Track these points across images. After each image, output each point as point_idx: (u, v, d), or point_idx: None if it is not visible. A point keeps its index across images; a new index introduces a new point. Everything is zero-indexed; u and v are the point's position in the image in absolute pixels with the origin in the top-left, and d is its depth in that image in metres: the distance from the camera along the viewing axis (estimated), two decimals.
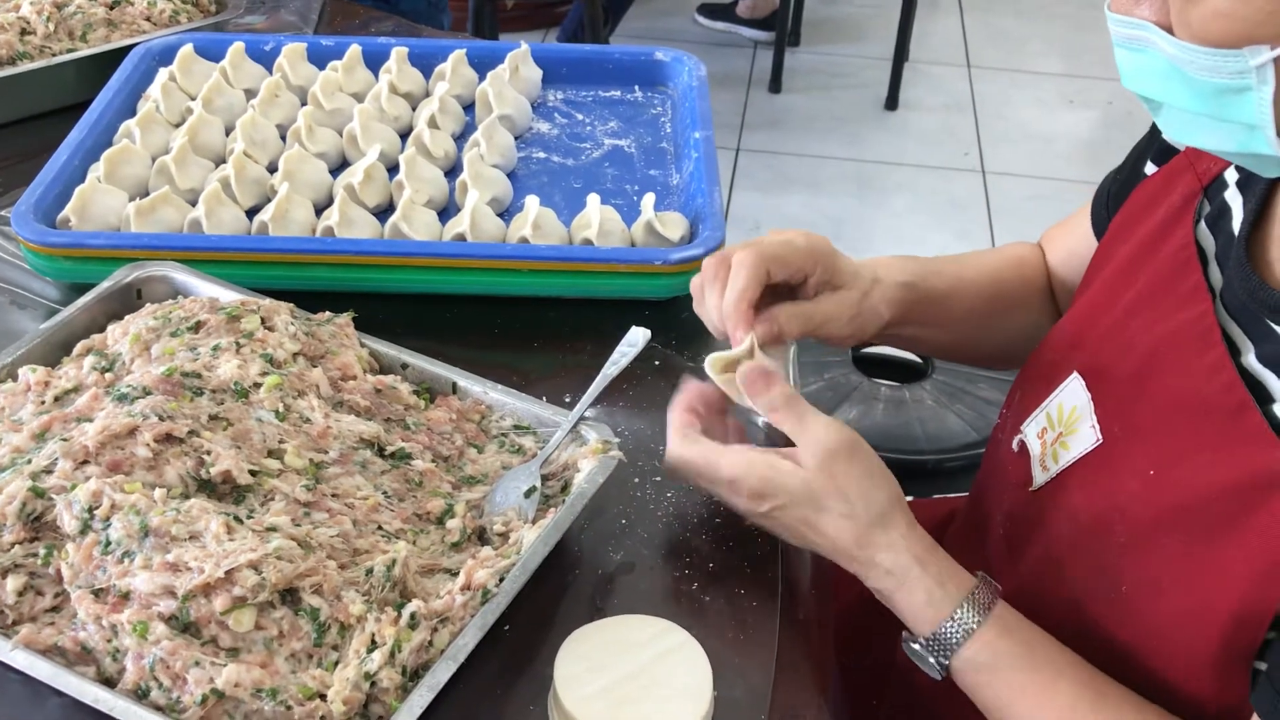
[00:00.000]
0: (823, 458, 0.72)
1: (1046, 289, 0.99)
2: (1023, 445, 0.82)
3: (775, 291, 0.82)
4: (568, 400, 0.90)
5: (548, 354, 0.98)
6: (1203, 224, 0.75)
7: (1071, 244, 0.96)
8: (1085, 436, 0.75)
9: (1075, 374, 0.78)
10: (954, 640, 0.71)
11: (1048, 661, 0.71)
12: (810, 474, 0.72)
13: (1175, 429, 0.69)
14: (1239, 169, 0.74)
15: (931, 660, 0.72)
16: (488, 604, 0.69)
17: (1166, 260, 0.76)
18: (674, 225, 1.03)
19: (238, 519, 0.70)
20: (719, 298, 0.79)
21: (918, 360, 1.58)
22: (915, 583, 0.72)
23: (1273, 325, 0.67)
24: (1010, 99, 3.43)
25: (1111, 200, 0.90)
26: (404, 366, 0.87)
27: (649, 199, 1.04)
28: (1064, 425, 0.78)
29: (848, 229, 2.89)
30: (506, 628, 0.73)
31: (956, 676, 0.72)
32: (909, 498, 1.47)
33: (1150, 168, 0.83)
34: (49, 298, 1.01)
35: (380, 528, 0.75)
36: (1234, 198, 0.74)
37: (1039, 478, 0.79)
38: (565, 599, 0.77)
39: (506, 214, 1.09)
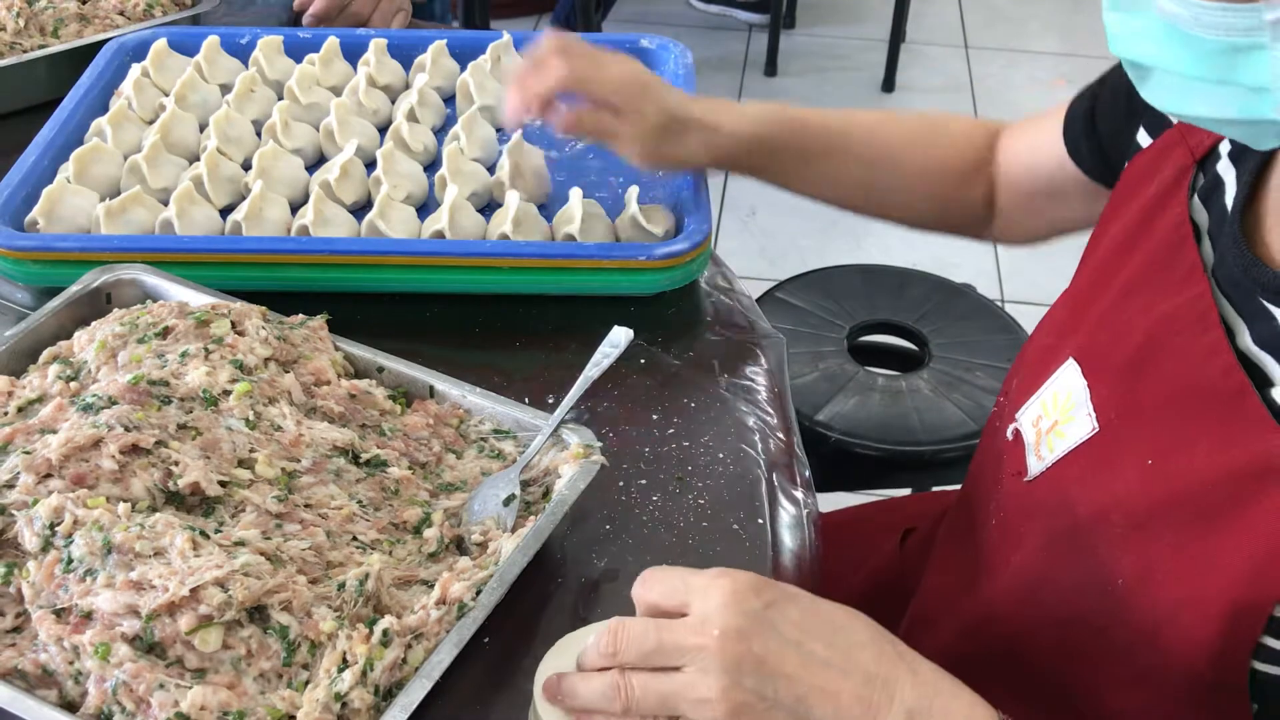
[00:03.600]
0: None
1: (975, 168, 0.97)
2: (1017, 434, 0.80)
3: None
4: (550, 401, 0.88)
5: (530, 353, 0.96)
6: (1195, 198, 0.72)
7: (1030, 144, 0.95)
8: (1081, 425, 0.73)
9: (1070, 359, 0.76)
10: None
11: None
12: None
13: (1173, 416, 0.67)
14: (1231, 141, 0.71)
15: None
16: (464, 618, 0.67)
17: (1161, 238, 0.73)
18: (659, 219, 1.01)
19: (204, 534, 0.68)
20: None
21: (915, 349, 1.55)
22: None
23: (1266, 304, 0.64)
24: (1008, 80, 3.39)
25: (1090, 124, 0.88)
26: (380, 370, 0.85)
27: (633, 192, 1.02)
28: (1059, 413, 0.76)
29: (846, 214, 2.85)
30: (485, 641, 0.71)
31: None
32: (906, 490, 1.46)
33: (1144, 137, 0.80)
34: (20, 302, 0.99)
35: (355, 539, 0.73)
36: (1226, 170, 0.71)
37: (1034, 467, 0.77)
38: (547, 610, 0.75)
39: (487, 209, 1.06)
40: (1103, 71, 0.89)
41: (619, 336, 0.84)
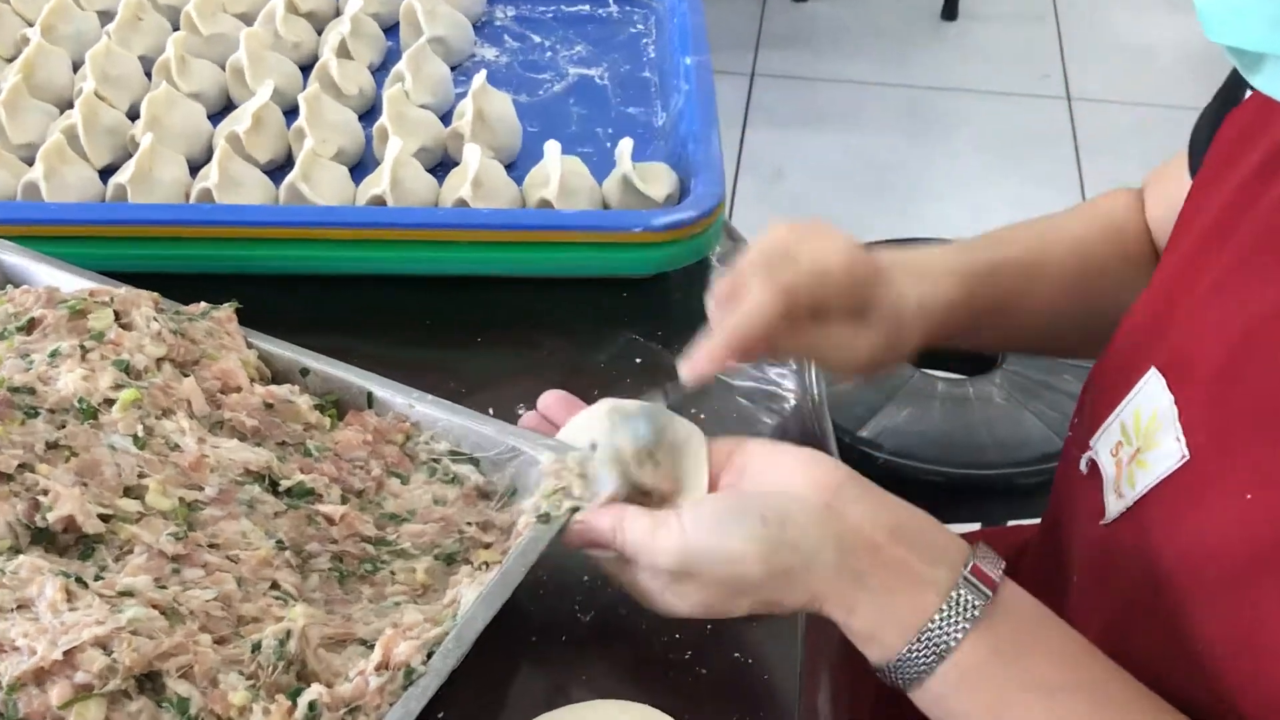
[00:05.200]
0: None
1: (1149, 257, 0.97)
2: (1093, 465, 0.81)
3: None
4: (521, 413, 0.88)
5: (495, 351, 0.96)
6: None
7: (1173, 191, 0.94)
8: (1167, 451, 0.73)
9: (1153, 370, 0.77)
10: (915, 669, 0.69)
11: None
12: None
13: (1278, 439, 0.67)
14: None
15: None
16: (412, 687, 0.67)
17: (1265, 216, 0.73)
18: (658, 180, 1.02)
19: (82, 580, 0.68)
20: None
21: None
22: (862, 615, 0.70)
23: None
24: (1101, 3, 3.41)
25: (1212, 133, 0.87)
26: (304, 373, 0.85)
27: (625, 146, 1.03)
28: (1142, 438, 0.76)
29: (895, 175, 2.87)
30: (440, 716, 0.71)
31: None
32: (974, 525, 1.46)
33: (1248, 92, 0.81)
34: None
35: (274, 587, 0.73)
36: None
37: (1113, 508, 0.78)
38: (518, 678, 0.75)
39: (440, 169, 1.07)
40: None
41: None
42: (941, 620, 0.68)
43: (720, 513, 0.71)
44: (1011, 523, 1.45)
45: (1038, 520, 1.07)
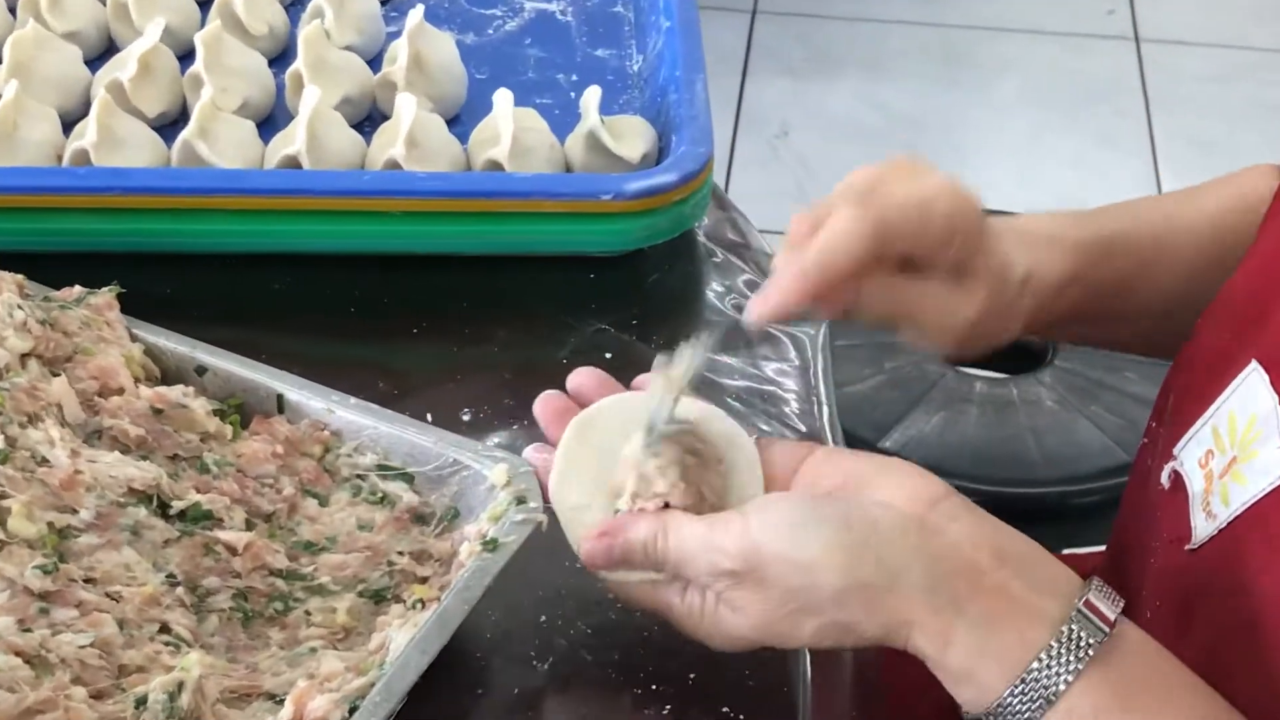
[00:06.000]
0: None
1: None
2: (1177, 479, 0.81)
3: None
4: (466, 419, 0.89)
5: (434, 345, 0.97)
6: None
7: None
8: (1268, 463, 0.74)
9: (1254, 363, 0.77)
10: (1016, 717, 0.69)
11: None
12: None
13: None
14: None
15: None
16: None
17: None
18: (633, 137, 1.03)
19: None
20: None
21: (1031, 339, 1.57)
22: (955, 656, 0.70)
23: None
24: None
25: None
26: (200, 371, 0.86)
27: (593, 95, 1.03)
28: (1238, 446, 0.76)
29: (927, 133, 2.87)
30: None
31: None
32: None
33: None
34: None
35: (164, 629, 0.74)
36: None
37: (1201, 529, 0.78)
38: None
39: (367, 124, 1.07)
40: None
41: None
42: (1050, 659, 0.68)
43: (794, 515, 0.71)
44: (1066, 551, 1.45)
45: (1098, 548, 1.08)
